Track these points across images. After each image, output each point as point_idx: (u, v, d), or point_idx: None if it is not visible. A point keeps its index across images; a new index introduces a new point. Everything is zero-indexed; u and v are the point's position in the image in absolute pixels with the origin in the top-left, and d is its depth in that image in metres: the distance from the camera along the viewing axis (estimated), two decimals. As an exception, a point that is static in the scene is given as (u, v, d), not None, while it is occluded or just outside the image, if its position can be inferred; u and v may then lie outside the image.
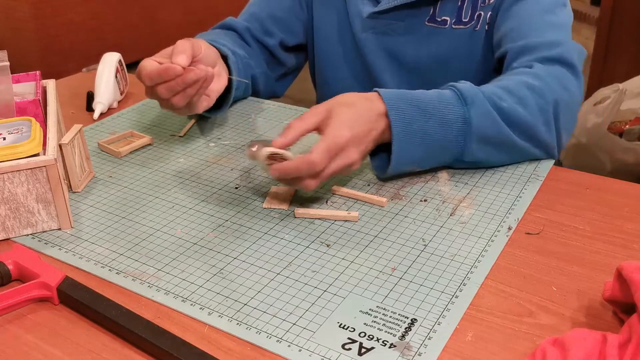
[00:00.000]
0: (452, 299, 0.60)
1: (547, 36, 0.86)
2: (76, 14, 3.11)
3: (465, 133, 0.75)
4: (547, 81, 0.80)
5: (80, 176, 0.81)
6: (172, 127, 0.99)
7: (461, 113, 0.75)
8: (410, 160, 0.76)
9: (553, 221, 0.72)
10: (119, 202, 0.78)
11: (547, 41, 0.85)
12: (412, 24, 0.99)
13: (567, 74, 0.83)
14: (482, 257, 0.66)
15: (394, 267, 0.64)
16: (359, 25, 1.03)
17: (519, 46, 0.87)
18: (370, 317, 0.58)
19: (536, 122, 0.79)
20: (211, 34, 1.04)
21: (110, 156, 0.90)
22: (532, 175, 0.81)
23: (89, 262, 0.66)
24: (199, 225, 0.73)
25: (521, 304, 0.59)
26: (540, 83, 0.80)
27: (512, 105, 0.77)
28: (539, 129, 0.79)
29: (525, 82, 0.80)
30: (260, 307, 0.59)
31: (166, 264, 0.66)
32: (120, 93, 1.09)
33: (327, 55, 1.10)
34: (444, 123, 0.74)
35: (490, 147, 0.78)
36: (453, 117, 0.75)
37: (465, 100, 0.75)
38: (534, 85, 0.79)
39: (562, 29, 0.88)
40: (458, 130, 0.75)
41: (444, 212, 0.74)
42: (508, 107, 0.77)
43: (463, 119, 0.75)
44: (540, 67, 0.82)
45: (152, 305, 0.60)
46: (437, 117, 0.74)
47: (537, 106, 0.79)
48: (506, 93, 0.78)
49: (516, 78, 0.81)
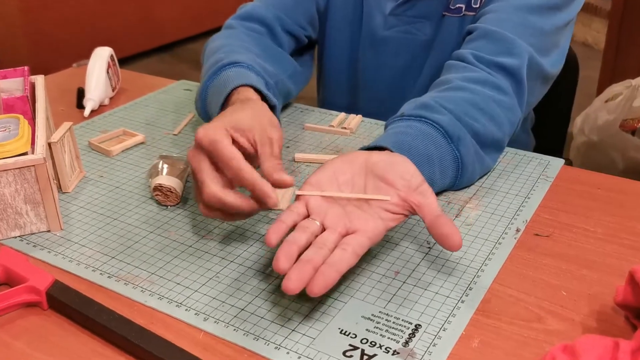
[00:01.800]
0: (457, 304, 0.60)
1: (515, 36, 0.84)
2: (66, 7, 3.11)
3: (458, 172, 0.76)
4: (510, 95, 0.82)
5: (70, 176, 0.81)
6: (166, 125, 0.99)
7: (452, 153, 0.74)
8: None
9: (563, 223, 0.72)
10: (110, 203, 0.78)
11: (509, 42, 0.84)
12: (429, 12, 0.99)
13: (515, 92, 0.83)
14: (489, 260, 0.66)
15: (397, 271, 0.64)
16: (381, 22, 1.03)
17: (483, 29, 0.86)
18: (373, 323, 0.58)
19: (504, 136, 0.81)
20: (235, 46, 0.92)
21: (102, 155, 0.90)
22: (541, 176, 0.81)
23: (79, 266, 0.66)
24: (194, 227, 0.72)
25: (530, 309, 0.59)
26: (506, 98, 0.81)
27: (485, 125, 0.78)
28: (505, 141, 0.83)
29: (492, 96, 0.80)
30: (258, 313, 0.59)
31: (160, 268, 0.66)
32: (112, 89, 1.09)
33: (335, 50, 1.09)
34: (443, 168, 0.74)
35: (471, 174, 0.78)
36: (447, 159, 0.74)
37: (452, 138, 0.74)
38: (502, 101, 0.81)
39: (539, 35, 0.86)
40: (453, 170, 0.75)
41: (449, 214, 0.74)
42: (482, 128, 0.77)
43: (454, 158, 0.75)
44: (501, 80, 0.82)
45: (145, 310, 0.60)
46: (437, 165, 0.73)
47: (508, 122, 0.81)
48: (477, 111, 0.78)
49: (481, 91, 0.80)
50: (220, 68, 0.84)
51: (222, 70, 0.84)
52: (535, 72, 0.86)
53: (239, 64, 0.84)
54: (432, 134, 0.73)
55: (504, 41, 0.84)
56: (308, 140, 0.93)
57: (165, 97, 1.11)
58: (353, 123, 0.96)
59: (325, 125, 0.97)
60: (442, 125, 0.74)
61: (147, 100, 1.09)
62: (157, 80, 1.21)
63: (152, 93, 1.12)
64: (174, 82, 1.18)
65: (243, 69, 0.83)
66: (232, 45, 0.92)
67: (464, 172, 0.76)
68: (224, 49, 0.91)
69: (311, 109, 1.04)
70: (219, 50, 0.91)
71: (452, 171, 0.75)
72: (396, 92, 1.05)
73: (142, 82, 1.20)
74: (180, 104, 1.08)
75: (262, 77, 0.85)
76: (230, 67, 0.84)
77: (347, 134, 0.94)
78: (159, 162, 0.80)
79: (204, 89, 0.85)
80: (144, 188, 0.81)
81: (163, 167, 0.79)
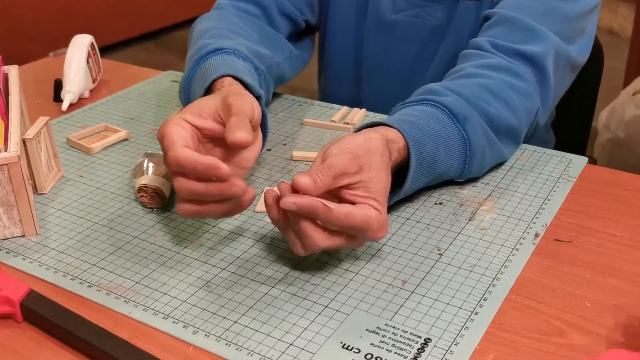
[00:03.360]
0: (471, 316, 0.60)
1: (537, 23, 0.85)
2: (42, -9, 3.11)
3: (465, 152, 0.76)
4: (529, 82, 0.83)
5: (46, 176, 0.81)
6: (151, 120, 0.99)
7: (458, 132, 0.75)
8: (412, 188, 0.75)
9: (586, 227, 0.72)
10: (91, 205, 0.78)
11: (530, 29, 0.85)
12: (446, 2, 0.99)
13: (537, 81, 0.85)
14: (505, 267, 0.66)
15: (404, 280, 0.64)
16: (388, 5, 1.03)
17: (501, 16, 0.87)
18: (378, 337, 0.58)
19: (521, 125, 0.82)
20: (223, 29, 0.92)
21: (82, 153, 0.90)
22: (563, 175, 0.81)
23: (56, 274, 0.66)
24: (182, 232, 0.73)
25: (550, 322, 0.59)
26: (524, 84, 0.82)
27: (499, 109, 0.79)
28: (522, 131, 0.83)
29: (509, 82, 0.81)
30: (253, 325, 0.59)
31: (145, 276, 0.66)
32: (92, 81, 1.09)
33: (338, 36, 1.09)
34: (448, 147, 0.75)
35: (482, 159, 0.79)
36: (453, 138, 0.75)
37: (457, 117, 0.76)
38: (519, 87, 0.82)
39: (563, 21, 0.87)
40: (460, 151, 0.76)
41: (461, 217, 0.74)
42: (496, 112, 0.78)
43: (461, 138, 0.75)
44: (520, 67, 0.83)
45: (128, 322, 0.60)
46: (442, 142, 0.74)
47: (524, 109, 0.82)
48: (490, 95, 0.79)
49: (497, 76, 0.81)
50: (204, 55, 0.84)
51: (206, 58, 0.84)
52: (563, 61, 0.87)
53: (224, 51, 0.85)
54: (435, 113, 0.75)
55: (524, 28, 0.85)
56: (307, 136, 0.93)
57: (150, 89, 1.11)
58: (356, 118, 0.96)
59: (326, 120, 0.97)
60: (445, 104, 0.76)
61: (130, 92, 1.09)
62: (141, 70, 1.21)
63: (136, 85, 1.12)
64: (160, 72, 1.18)
65: (228, 56, 0.84)
66: (220, 28, 0.93)
67: (472, 154, 0.76)
68: (211, 32, 0.91)
69: (310, 102, 1.04)
70: (205, 33, 0.91)
71: (459, 152, 0.75)
72: (405, 83, 1.05)
73: (125, 72, 1.20)
74: (167, 96, 1.08)
75: (251, 63, 0.86)
76: (215, 54, 0.84)
77: (350, 129, 0.94)
78: (144, 160, 0.80)
79: (187, 79, 0.86)
80: (127, 189, 0.81)
81: (148, 166, 0.79)
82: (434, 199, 0.77)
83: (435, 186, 0.79)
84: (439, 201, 0.77)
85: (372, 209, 0.62)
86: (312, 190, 0.59)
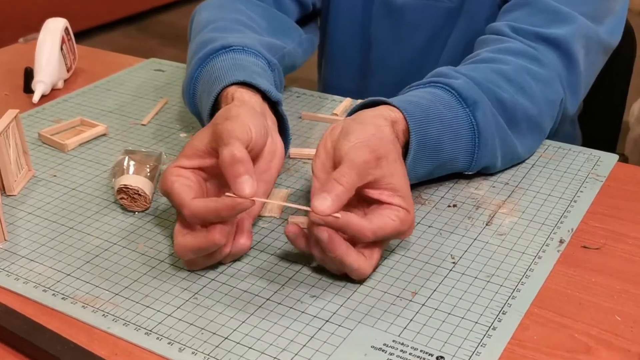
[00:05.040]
0: (488, 331, 0.60)
1: (561, 4, 0.86)
2: (11, -30, 3.11)
3: (474, 141, 0.76)
4: (551, 69, 0.83)
5: (16, 175, 0.81)
6: (132, 113, 0.99)
7: (466, 118, 0.76)
8: (413, 176, 0.75)
9: (616, 232, 0.72)
10: (65, 208, 0.78)
11: (554, 11, 0.85)
12: None
13: (564, 67, 0.85)
14: (527, 277, 0.66)
15: (414, 291, 0.64)
16: None
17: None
18: (385, 355, 0.58)
19: (542, 115, 0.82)
20: (228, 20, 0.92)
21: (55, 150, 0.90)
22: (590, 175, 0.81)
23: (27, 285, 0.66)
24: (166, 237, 0.72)
25: (576, 337, 0.59)
26: (545, 71, 0.83)
27: (513, 96, 0.79)
28: (544, 122, 0.83)
29: (526, 68, 0.82)
30: (245, 342, 0.59)
31: (125, 287, 0.66)
32: (66, 70, 1.09)
33: (343, 21, 1.09)
34: (455, 133, 0.75)
35: (493, 151, 0.79)
36: (460, 123, 0.76)
37: (466, 101, 0.76)
38: (538, 73, 0.82)
39: (590, 1, 0.87)
40: (467, 139, 0.76)
41: (478, 221, 0.74)
42: (509, 98, 0.79)
43: (469, 124, 0.76)
44: (543, 52, 0.84)
45: (107, 339, 0.60)
46: (448, 126, 0.75)
47: (544, 97, 0.82)
48: (504, 80, 0.80)
49: (514, 61, 0.82)
50: (210, 54, 0.83)
51: (212, 57, 0.83)
52: (594, 43, 0.87)
53: (232, 48, 0.83)
54: (442, 95, 0.76)
55: (547, 10, 0.85)
56: (306, 131, 0.93)
57: (131, 78, 1.11)
58: (361, 111, 0.96)
59: (326, 114, 0.97)
60: (454, 87, 0.76)
61: (109, 82, 1.10)
62: (121, 58, 1.21)
63: (115, 74, 1.12)
64: (143, 60, 1.18)
65: (237, 54, 0.83)
66: (224, 18, 0.92)
67: (482, 143, 0.76)
68: (215, 23, 0.91)
69: (309, 93, 1.04)
70: (208, 25, 0.91)
71: (467, 140, 0.76)
72: (414, 73, 1.05)
73: (103, 60, 1.20)
74: (150, 87, 1.08)
75: (264, 58, 0.85)
76: (221, 53, 0.83)
77: (354, 124, 0.94)
78: (124, 158, 0.80)
79: (191, 81, 0.84)
80: (106, 190, 0.81)
81: (129, 165, 0.79)
82: (447, 200, 0.77)
83: (449, 186, 0.79)
84: (452, 203, 0.77)
85: (400, 210, 0.64)
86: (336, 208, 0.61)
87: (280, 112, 0.79)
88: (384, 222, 0.63)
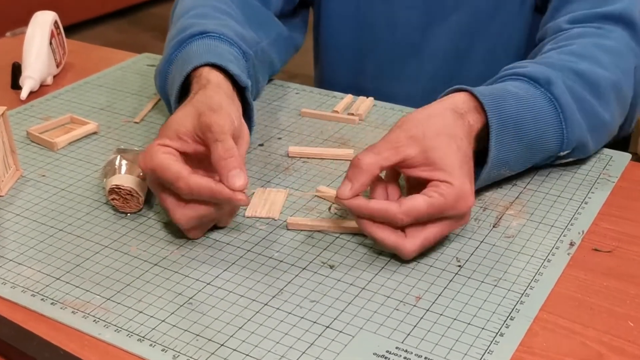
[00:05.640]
0: (495, 338, 0.60)
1: None
2: (-2, -40, 3.11)
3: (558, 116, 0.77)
4: (619, 41, 0.85)
5: (3, 175, 0.81)
6: (124, 110, 0.99)
7: (543, 95, 0.77)
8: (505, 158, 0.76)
9: (629, 235, 0.72)
10: (55, 209, 0.78)
11: None
12: None
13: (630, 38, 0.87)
14: (536, 282, 0.66)
15: (418, 296, 0.64)
16: None
17: None
18: (388, 362, 0.58)
19: (621, 82, 0.83)
20: (207, 7, 0.94)
21: (44, 149, 0.90)
22: (602, 175, 0.81)
23: (14, 289, 0.66)
24: (160, 240, 0.73)
25: (587, 344, 0.59)
26: (613, 42, 0.84)
27: (589, 66, 0.80)
28: (627, 90, 0.84)
29: (593, 42, 0.83)
30: (242, 349, 0.59)
31: (117, 292, 0.66)
32: (56, 65, 1.09)
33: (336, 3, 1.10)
34: (535, 111, 0.76)
35: (580, 125, 0.78)
36: (537, 100, 0.76)
37: (538, 81, 0.77)
38: (605, 45, 0.83)
39: None
40: (551, 115, 0.76)
41: (484, 223, 0.74)
42: (587, 68, 0.80)
43: (549, 100, 0.76)
44: (607, 27, 0.86)
45: (98, 345, 0.60)
46: (524, 103, 0.76)
47: (617, 67, 0.83)
48: (576, 57, 0.81)
49: (579, 41, 0.84)
50: (187, 39, 0.86)
51: (189, 42, 0.85)
52: None
53: (208, 35, 0.86)
54: (512, 83, 0.77)
55: None
56: (306, 129, 0.93)
57: (123, 74, 1.11)
58: (362, 108, 0.96)
59: (327, 111, 0.97)
60: (522, 73, 0.78)
61: (100, 78, 1.10)
62: (113, 53, 1.21)
63: (107, 70, 1.12)
64: (135, 55, 1.18)
65: (213, 41, 0.85)
66: (204, 6, 0.94)
67: (567, 116, 0.76)
68: (194, 10, 0.93)
69: (309, 89, 1.04)
70: (188, 12, 0.93)
71: (551, 114, 0.76)
72: (411, 52, 1.05)
73: (94, 55, 1.20)
74: (143, 83, 1.08)
75: (238, 47, 0.87)
76: (198, 38, 0.85)
77: (355, 121, 0.94)
78: (115, 157, 0.80)
79: (166, 63, 0.87)
80: (97, 190, 0.81)
81: (121, 164, 0.79)
82: (453, 202, 0.77)
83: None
84: (458, 204, 0.77)
85: (441, 185, 0.65)
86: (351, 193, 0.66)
87: (247, 98, 0.82)
88: (416, 201, 0.65)
